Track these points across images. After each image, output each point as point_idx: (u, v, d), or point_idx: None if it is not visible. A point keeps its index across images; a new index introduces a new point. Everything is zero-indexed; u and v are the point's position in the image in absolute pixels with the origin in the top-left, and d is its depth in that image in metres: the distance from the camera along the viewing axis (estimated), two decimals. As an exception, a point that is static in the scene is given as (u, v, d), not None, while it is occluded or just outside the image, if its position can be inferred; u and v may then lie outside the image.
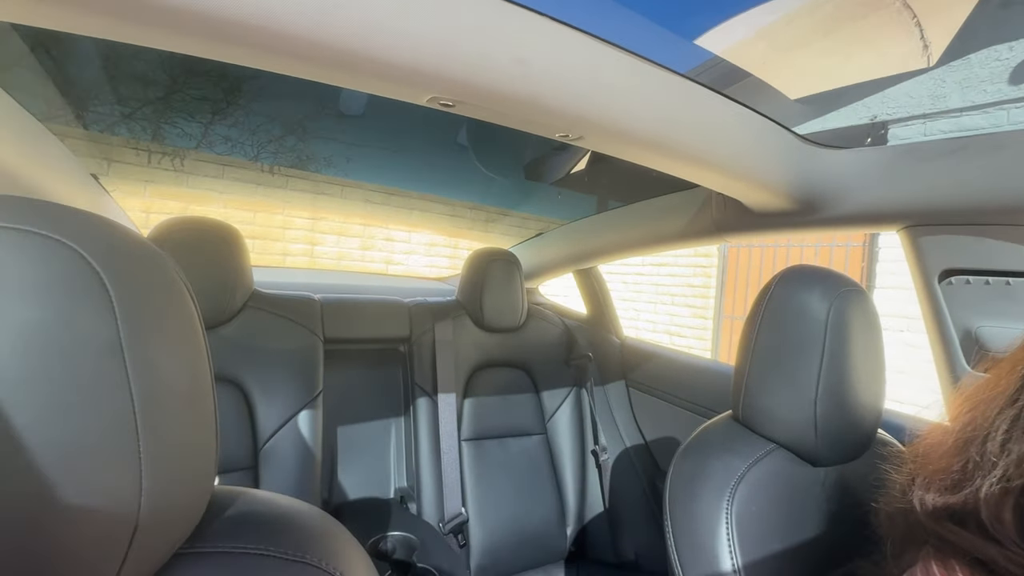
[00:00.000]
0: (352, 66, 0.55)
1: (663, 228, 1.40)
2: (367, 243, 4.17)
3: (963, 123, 1.31)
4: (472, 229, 2.38)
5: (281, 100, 1.28)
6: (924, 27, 1.02)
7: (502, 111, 0.66)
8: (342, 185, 1.91)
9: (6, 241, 0.28)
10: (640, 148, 0.79)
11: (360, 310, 1.64)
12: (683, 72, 0.74)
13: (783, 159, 0.92)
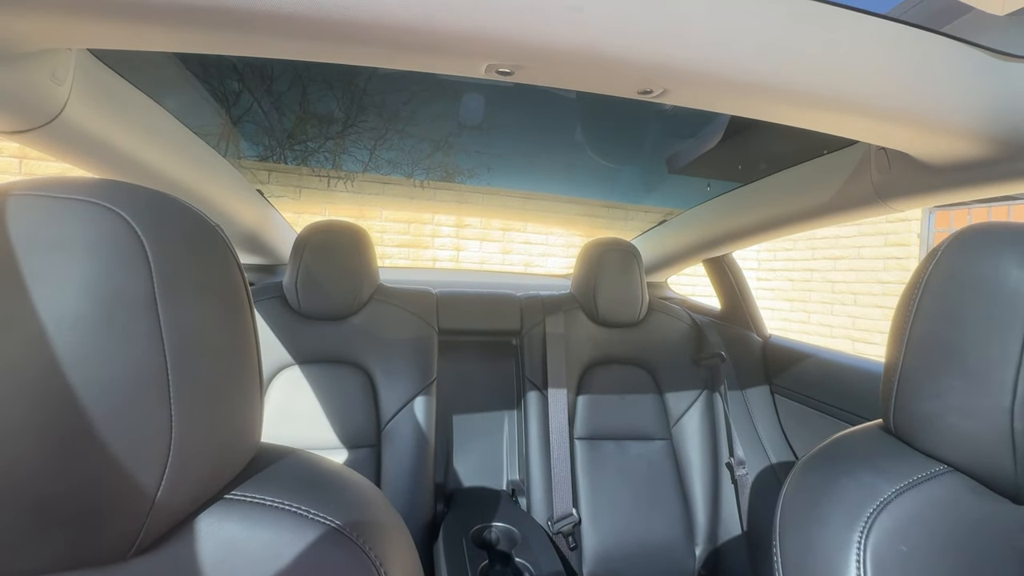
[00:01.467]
0: (403, 44, 0.54)
1: (807, 201, 1.18)
2: (507, 247, 4.37)
3: None
4: (610, 228, 2.35)
5: (431, 122, 1.43)
6: None
7: (565, 72, 0.60)
8: (483, 193, 2.04)
9: (66, 209, 0.34)
10: (751, 98, 0.64)
11: (472, 303, 1.69)
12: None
13: (966, 86, 0.67)
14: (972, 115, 0.69)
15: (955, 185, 0.86)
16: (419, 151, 1.65)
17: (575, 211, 2.25)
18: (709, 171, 1.54)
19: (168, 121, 1.01)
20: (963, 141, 0.74)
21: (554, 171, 1.81)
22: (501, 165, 1.75)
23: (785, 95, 0.63)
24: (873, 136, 0.77)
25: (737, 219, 1.47)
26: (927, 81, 0.65)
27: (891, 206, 1.01)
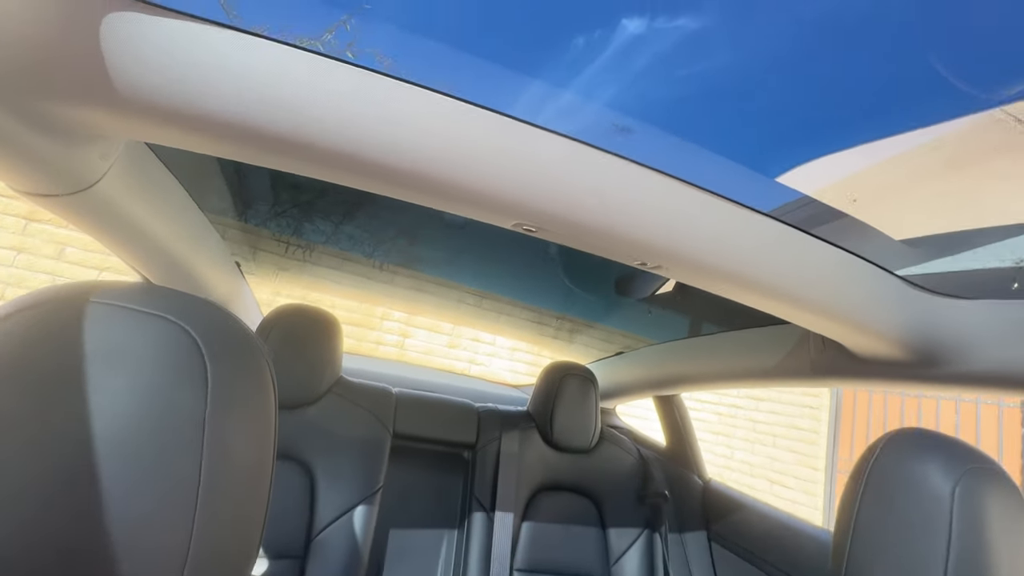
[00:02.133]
0: (447, 193, 0.62)
1: (753, 364, 1.31)
2: (454, 341, 4.32)
3: None
4: (556, 338, 2.38)
5: (400, 208, 1.46)
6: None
7: (582, 238, 0.71)
8: (440, 285, 2.04)
9: (143, 324, 0.37)
10: (723, 282, 0.78)
11: (431, 408, 1.66)
12: (768, 211, 0.74)
13: (890, 306, 0.85)
14: (890, 329, 0.86)
15: (880, 376, 1.00)
16: (384, 233, 1.66)
17: (526, 317, 2.29)
18: (659, 306, 1.64)
19: (187, 204, 1.02)
20: (884, 344, 0.90)
21: (511, 275, 1.86)
22: (463, 261, 1.78)
23: (745, 284, 0.77)
24: (808, 324, 0.91)
25: (688, 366, 1.58)
26: (846, 294, 0.82)
27: (825, 382, 1.15)
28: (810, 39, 0.69)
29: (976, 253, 1.08)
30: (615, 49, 0.61)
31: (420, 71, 0.78)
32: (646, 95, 0.68)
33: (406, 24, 0.70)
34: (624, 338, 2.03)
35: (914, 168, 0.97)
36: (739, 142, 0.80)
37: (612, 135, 0.69)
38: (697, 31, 0.60)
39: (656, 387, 1.80)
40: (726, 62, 0.66)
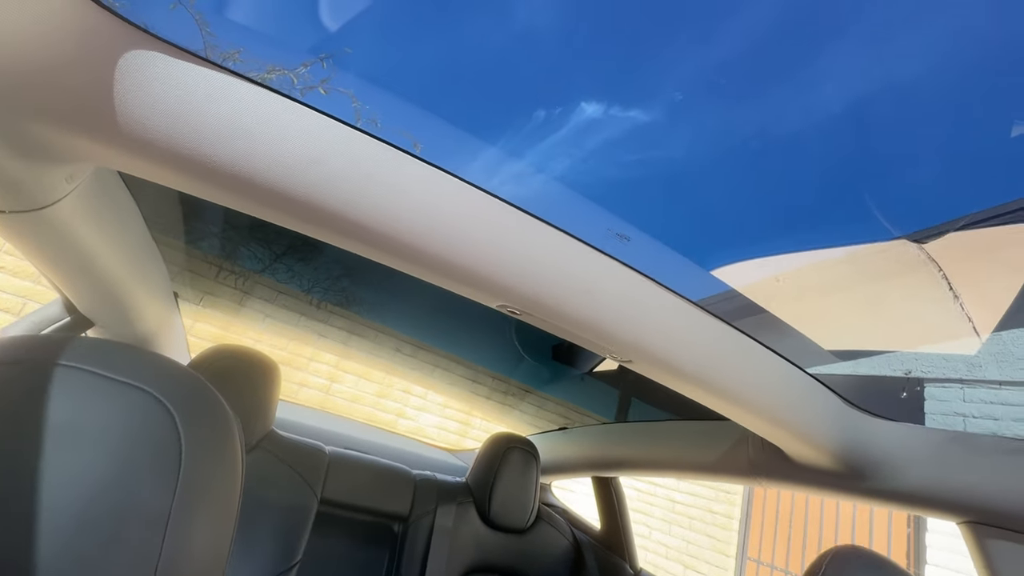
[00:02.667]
0: (434, 267, 0.63)
1: (694, 456, 1.34)
2: (384, 391, 4.15)
3: (1003, 396, 1.28)
4: (489, 399, 2.35)
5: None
6: (963, 296, 1.08)
7: (563, 328, 0.73)
8: (378, 331, 1.99)
9: (117, 393, 0.33)
10: (681, 380, 0.82)
11: (365, 472, 1.54)
12: (698, 300, 0.81)
13: (827, 418, 0.92)
14: (826, 440, 0.93)
15: (813, 484, 1.06)
16: (328, 270, 1.62)
17: (462, 374, 2.25)
18: (601, 382, 1.67)
19: (141, 231, 0.97)
20: (819, 454, 0.96)
21: (454, 329, 1.85)
22: (404, 308, 1.76)
23: (701, 383, 0.82)
24: (750, 425, 0.96)
25: (631, 450, 1.58)
26: (793, 405, 0.89)
27: (762, 483, 1.19)
28: (757, 150, 0.79)
29: (902, 377, 1.21)
30: (572, 127, 0.67)
31: (390, 126, 0.80)
32: (597, 171, 0.74)
33: (379, 79, 0.74)
34: (562, 409, 2.03)
35: (831, 277, 1.10)
36: (677, 230, 0.88)
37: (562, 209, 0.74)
38: (648, 123, 0.67)
39: (596, 468, 1.78)
40: (676, 155, 0.74)
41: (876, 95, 0.65)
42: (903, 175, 0.82)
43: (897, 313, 1.18)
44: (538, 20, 0.60)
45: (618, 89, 0.65)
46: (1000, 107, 0.68)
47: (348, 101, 0.92)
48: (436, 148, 0.74)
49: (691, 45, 0.60)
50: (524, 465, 1.57)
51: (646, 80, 0.64)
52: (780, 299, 1.05)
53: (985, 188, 0.75)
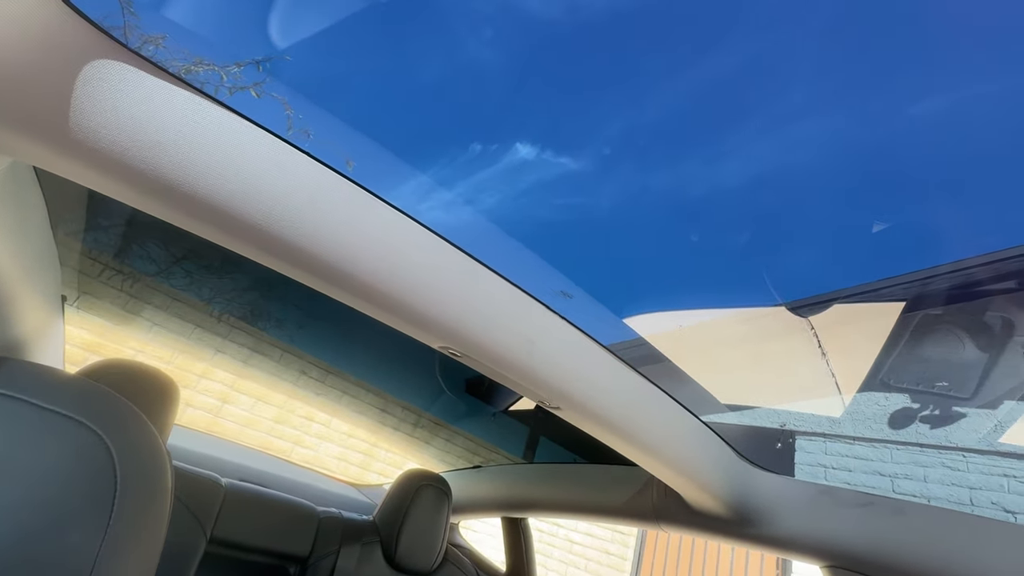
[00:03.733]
0: (379, 304, 0.61)
1: (604, 499, 1.37)
2: (283, 416, 3.84)
3: (856, 451, 1.45)
4: (397, 431, 2.26)
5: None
6: (831, 360, 1.23)
7: (501, 373, 0.73)
8: (284, 350, 1.86)
9: (48, 423, 0.30)
10: (603, 427, 0.85)
11: (265, 508, 1.40)
12: (607, 345, 0.86)
13: (721, 469, 1.00)
14: (719, 488, 0.99)
15: (710, 530, 1.13)
16: (234, 281, 1.50)
17: (371, 402, 2.15)
18: (517, 421, 1.67)
19: (43, 228, 0.88)
20: (713, 501, 1.03)
21: (368, 355, 1.77)
22: (316, 328, 1.66)
23: (618, 431, 0.85)
24: (656, 471, 1.01)
25: (543, 490, 1.58)
26: (694, 455, 0.94)
27: (664, 528, 1.24)
28: (670, 210, 0.86)
29: (777, 430, 1.33)
30: (506, 164, 0.69)
31: (323, 139, 0.78)
32: (526, 210, 0.77)
33: (316, 91, 0.72)
34: (472, 445, 2.00)
35: (727, 334, 1.20)
36: (595, 276, 0.93)
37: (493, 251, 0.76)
38: (575, 172, 0.72)
39: (508, 508, 1.75)
40: (600, 204, 0.79)
41: (771, 175, 0.74)
42: (788, 248, 0.93)
43: (775, 371, 1.32)
44: (485, 57, 0.63)
45: (553, 135, 0.69)
46: (866, 200, 0.81)
47: (280, 108, 0.89)
48: (369, 167, 0.73)
49: (622, 106, 0.66)
50: (436, 504, 1.50)
51: (579, 131, 0.68)
52: (682, 350, 1.13)
53: (857, 267, 0.88)
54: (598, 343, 0.79)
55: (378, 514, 1.56)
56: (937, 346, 1.12)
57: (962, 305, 1.02)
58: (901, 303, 1.09)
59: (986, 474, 1.32)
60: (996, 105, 0.65)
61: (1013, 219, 0.77)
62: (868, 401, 1.25)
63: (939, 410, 1.24)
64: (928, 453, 1.37)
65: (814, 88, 0.69)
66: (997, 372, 1.06)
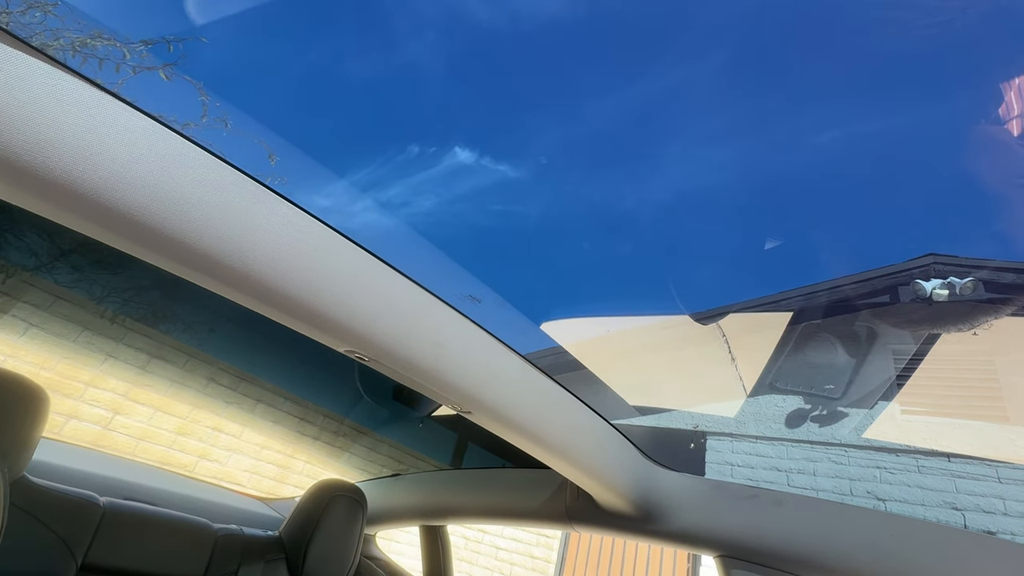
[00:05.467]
0: (273, 301, 0.57)
1: (520, 503, 1.38)
2: (186, 427, 3.51)
3: (758, 448, 1.59)
4: (317, 440, 2.15)
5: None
6: (738, 363, 1.33)
7: (410, 377, 0.72)
8: (189, 355, 1.71)
9: None
10: (513, 431, 0.85)
11: (151, 528, 1.25)
12: (525, 353, 0.89)
13: (628, 469, 1.04)
14: (625, 487, 1.03)
15: (619, 528, 1.17)
16: (133, 278, 1.36)
17: (289, 410, 2.03)
18: (442, 426, 1.65)
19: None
20: (621, 499, 1.07)
21: (286, 361, 1.67)
22: (228, 331, 1.55)
23: (529, 434, 0.85)
24: (567, 473, 1.03)
25: (463, 497, 1.56)
26: (602, 455, 0.97)
27: (576, 528, 1.27)
28: (597, 221, 0.90)
29: (689, 431, 1.42)
30: (444, 168, 0.69)
31: (242, 130, 0.74)
32: (463, 215, 0.77)
33: (237, 78, 0.68)
34: (397, 453, 1.94)
35: (639, 342, 1.27)
36: (521, 283, 0.95)
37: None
38: (514, 179, 0.73)
39: (427, 516, 1.71)
40: (534, 213, 0.80)
41: (688, 194, 0.80)
42: (696, 262, 1.01)
43: (686, 376, 1.41)
44: (426, 59, 0.62)
45: (493, 142, 0.69)
46: (764, 221, 0.89)
47: (195, 93, 0.82)
48: (295, 164, 0.69)
49: (559, 119, 0.68)
50: (349, 515, 1.43)
51: (519, 139, 0.70)
52: (596, 356, 1.18)
53: (756, 280, 0.96)
54: (510, 348, 0.81)
55: (284, 529, 1.46)
56: (825, 352, 1.26)
57: (843, 317, 1.16)
58: (790, 313, 1.22)
59: (863, 467, 1.50)
60: (876, 143, 0.75)
61: (883, 243, 0.89)
62: (769, 403, 1.37)
63: (826, 410, 1.39)
64: (817, 449, 1.53)
65: (727, 117, 0.75)
66: (873, 376, 1.21)
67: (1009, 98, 0.57)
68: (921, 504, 1.41)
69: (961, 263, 0.88)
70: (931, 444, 1.43)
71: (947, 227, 0.78)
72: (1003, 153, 0.62)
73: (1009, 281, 0.88)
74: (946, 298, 0.90)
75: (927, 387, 1.26)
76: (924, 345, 1.10)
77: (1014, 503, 1.29)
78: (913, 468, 1.45)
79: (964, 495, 1.36)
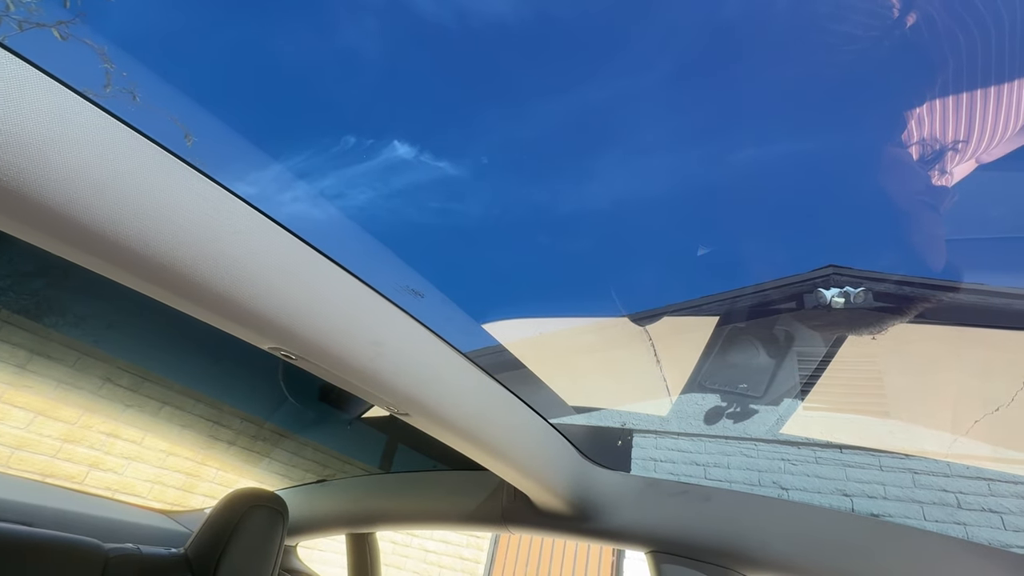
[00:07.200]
0: (204, 302, 0.52)
1: (454, 506, 1.37)
2: (77, 433, 3.14)
3: (679, 444, 1.68)
4: (233, 445, 2.00)
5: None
6: (663, 364, 1.40)
7: (343, 378, 0.67)
8: (81, 352, 1.52)
9: None
10: (453, 433, 0.83)
11: (23, 552, 1.08)
12: (466, 351, 0.88)
13: (565, 469, 1.05)
14: (563, 488, 1.05)
15: (555, 528, 1.18)
16: (10, 263, 1.19)
17: (201, 413, 1.87)
18: (373, 429, 1.59)
19: None
20: (558, 499, 1.09)
21: (198, 359, 1.54)
22: (128, 327, 1.40)
23: (468, 436, 0.84)
24: (505, 475, 1.03)
25: (393, 502, 1.51)
26: (541, 456, 0.98)
27: (511, 530, 1.28)
28: (537, 223, 0.90)
29: (619, 429, 1.47)
30: (382, 161, 0.66)
31: (153, 105, 0.67)
32: (399, 211, 0.74)
33: (150, 45, 0.61)
34: (323, 457, 1.84)
35: (579, 343, 1.30)
36: (461, 281, 0.94)
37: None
38: (453, 177, 0.72)
39: (354, 523, 1.64)
40: (473, 212, 0.79)
41: (627, 200, 0.83)
42: (633, 266, 1.05)
43: (618, 376, 1.47)
44: (366, 48, 0.60)
45: (433, 138, 0.68)
46: (695, 229, 0.95)
47: (96, 59, 0.73)
48: (215, 149, 0.64)
49: (502, 118, 0.68)
50: (268, 527, 1.33)
51: (460, 137, 0.68)
52: (536, 356, 1.20)
53: (690, 283, 1.02)
54: (451, 346, 0.78)
55: (191, 545, 1.34)
56: (740, 353, 1.36)
57: (759, 320, 1.25)
58: (715, 317, 1.30)
59: (770, 459, 1.63)
60: (789, 163, 0.82)
61: (797, 253, 0.97)
62: (689, 401, 1.45)
63: (739, 407, 1.50)
64: (731, 444, 1.65)
65: (662, 130, 0.79)
66: (781, 376, 1.31)
67: (911, 126, 0.64)
68: (818, 492, 1.56)
69: (856, 274, 0.98)
70: (827, 437, 1.58)
71: (850, 241, 0.87)
72: (902, 174, 0.70)
73: (893, 291, 0.99)
74: (842, 305, 1.00)
75: (825, 385, 1.39)
76: (826, 348, 1.21)
77: (893, 488, 1.46)
78: (812, 459, 1.60)
79: (853, 482, 1.52)
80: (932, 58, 0.63)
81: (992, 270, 0.86)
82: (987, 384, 1.12)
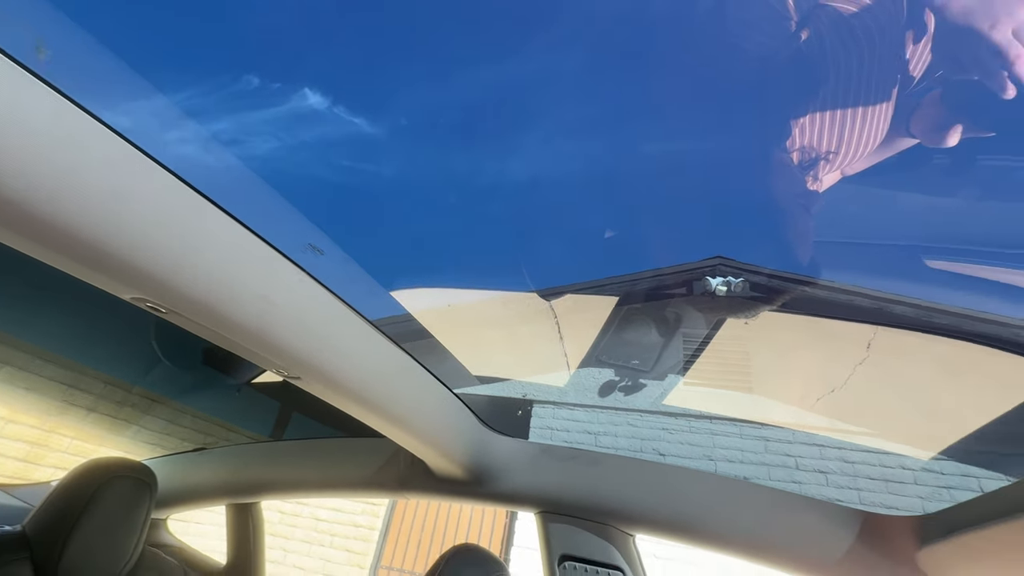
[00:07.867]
0: (30, 231, 0.43)
1: (349, 474, 1.35)
2: None
3: (575, 415, 1.80)
4: (93, 410, 1.77)
5: None
6: (564, 339, 1.46)
7: (224, 336, 0.61)
8: None
9: None
10: (349, 399, 0.81)
11: None
12: (373, 319, 0.85)
13: (465, 436, 1.08)
14: (460, 454, 1.07)
15: (451, 493, 1.21)
16: None
17: (50, 374, 1.63)
18: (262, 394, 1.50)
19: None
20: (455, 466, 1.12)
21: (51, 312, 1.33)
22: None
23: (363, 401, 0.82)
24: (403, 442, 1.03)
25: (282, 471, 1.46)
26: (440, 422, 0.99)
27: (408, 496, 1.30)
28: (455, 192, 0.88)
29: (520, 399, 1.51)
30: (289, 109, 0.60)
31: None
32: (305, 165, 0.68)
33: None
34: (205, 425, 1.70)
35: (488, 315, 1.32)
36: (369, 246, 0.90)
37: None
38: (368, 135, 0.67)
39: (236, 493, 1.56)
40: (386, 174, 0.76)
41: (543, 179, 0.85)
42: (544, 243, 1.08)
43: (523, 349, 1.52)
44: (278, -21, 0.53)
45: (350, 90, 0.63)
46: (603, 213, 0.99)
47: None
48: (78, 65, 0.55)
49: (425, 80, 0.65)
50: (131, 499, 1.21)
51: (379, 93, 0.64)
52: (444, 326, 1.21)
53: (595, 264, 1.07)
54: (354, 310, 0.75)
55: (30, 522, 1.18)
56: (634, 331, 1.47)
57: (654, 302, 1.36)
58: (616, 297, 1.39)
59: (652, 428, 1.80)
60: (689, 158, 0.88)
61: (691, 243, 1.06)
62: (588, 375, 1.55)
63: (630, 381, 1.63)
64: (620, 415, 1.80)
65: (585, 112, 0.81)
66: (667, 353, 1.44)
67: (795, 134, 0.72)
68: (689, 457, 1.76)
69: (739, 266, 1.10)
70: (700, 408, 1.78)
71: (738, 234, 0.96)
72: (784, 178, 0.78)
73: (765, 283, 1.12)
74: (725, 293, 1.12)
75: (703, 363, 1.56)
76: (707, 330, 1.35)
77: (749, 453, 1.70)
78: (686, 429, 1.80)
79: (718, 449, 1.74)
80: (817, 73, 0.70)
81: (842, 269, 1.01)
82: (829, 367, 1.32)
